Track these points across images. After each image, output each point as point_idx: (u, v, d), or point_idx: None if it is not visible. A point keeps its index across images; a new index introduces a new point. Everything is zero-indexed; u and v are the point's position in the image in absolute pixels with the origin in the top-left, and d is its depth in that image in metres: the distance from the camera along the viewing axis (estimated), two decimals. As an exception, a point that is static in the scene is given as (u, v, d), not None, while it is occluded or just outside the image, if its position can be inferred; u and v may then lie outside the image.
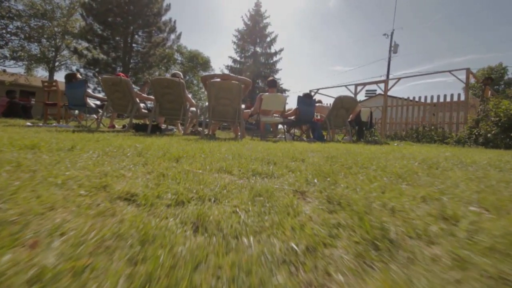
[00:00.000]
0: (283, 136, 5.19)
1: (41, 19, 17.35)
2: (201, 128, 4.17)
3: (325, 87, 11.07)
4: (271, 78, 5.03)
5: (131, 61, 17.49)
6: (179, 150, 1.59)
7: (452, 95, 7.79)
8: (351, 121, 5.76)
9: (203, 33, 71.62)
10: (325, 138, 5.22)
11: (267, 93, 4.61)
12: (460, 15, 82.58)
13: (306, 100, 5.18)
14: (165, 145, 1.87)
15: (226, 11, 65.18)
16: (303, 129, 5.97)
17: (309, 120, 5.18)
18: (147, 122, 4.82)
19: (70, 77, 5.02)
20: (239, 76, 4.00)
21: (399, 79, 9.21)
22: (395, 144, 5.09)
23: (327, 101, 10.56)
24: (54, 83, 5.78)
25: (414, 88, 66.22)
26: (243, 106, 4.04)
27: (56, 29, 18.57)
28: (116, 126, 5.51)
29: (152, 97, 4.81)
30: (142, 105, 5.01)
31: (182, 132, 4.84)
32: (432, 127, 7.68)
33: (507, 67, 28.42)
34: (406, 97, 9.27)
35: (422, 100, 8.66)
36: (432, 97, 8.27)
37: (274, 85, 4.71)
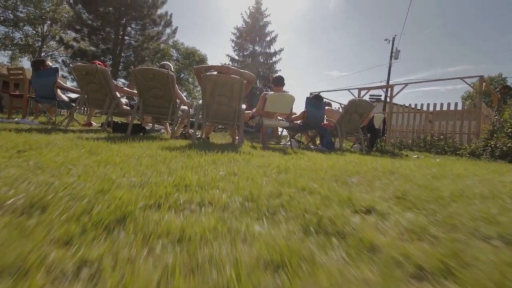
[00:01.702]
0: (288, 143, 4.51)
1: (25, 5, 16.22)
2: (192, 130, 3.45)
3: (326, 90, 10.51)
4: (277, 75, 4.33)
5: (122, 54, 16.51)
6: (140, 181, 0.87)
7: (463, 104, 7.33)
8: (362, 127, 5.14)
9: (200, 30, 70.32)
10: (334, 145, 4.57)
11: (272, 92, 3.91)
12: (457, 25, 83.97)
13: (316, 102, 4.53)
14: (125, 163, 1.14)
15: (226, 8, 64.13)
16: (309, 134, 5.30)
17: (318, 125, 4.53)
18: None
19: (37, 64, 4.21)
20: (241, 70, 3.29)
21: (406, 84, 8.68)
22: (415, 156, 4.47)
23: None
24: (20, 71, 4.92)
25: (408, 97, 66.78)
26: (243, 106, 3.33)
27: (38, 13, 17.38)
28: (94, 124, 4.71)
29: (135, 91, 4.05)
30: (124, 100, 4.25)
31: (171, 134, 4.10)
32: (442, 136, 7.15)
33: (506, 78, 28.63)
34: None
35: (430, 107, 8.16)
36: (442, 105, 7.78)
37: (281, 83, 4.00)
